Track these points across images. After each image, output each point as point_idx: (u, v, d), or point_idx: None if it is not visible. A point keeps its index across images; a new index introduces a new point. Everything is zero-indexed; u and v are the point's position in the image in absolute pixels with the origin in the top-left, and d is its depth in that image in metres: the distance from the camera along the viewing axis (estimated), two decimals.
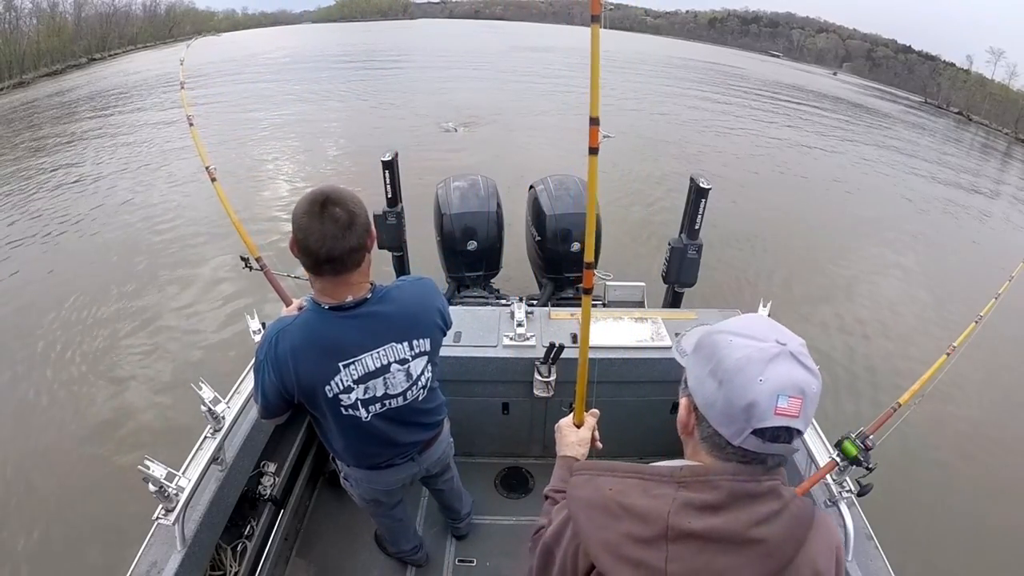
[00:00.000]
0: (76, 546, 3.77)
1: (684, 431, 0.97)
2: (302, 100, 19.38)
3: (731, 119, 19.98)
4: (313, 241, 1.44)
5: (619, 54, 40.76)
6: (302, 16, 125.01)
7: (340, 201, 1.46)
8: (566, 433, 1.47)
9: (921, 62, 78.17)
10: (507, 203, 4.28)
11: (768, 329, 0.89)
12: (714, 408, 0.87)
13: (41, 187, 10.93)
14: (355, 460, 1.93)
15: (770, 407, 0.81)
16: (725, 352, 0.86)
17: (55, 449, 4.59)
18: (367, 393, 1.68)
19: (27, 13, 40.68)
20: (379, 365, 1.66)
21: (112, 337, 5.97)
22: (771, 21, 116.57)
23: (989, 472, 4.66)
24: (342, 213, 1.45)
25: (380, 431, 1.80)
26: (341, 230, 1.45)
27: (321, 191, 1.47)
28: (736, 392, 0.83)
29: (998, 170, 20.54)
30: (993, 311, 2.84)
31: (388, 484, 2.06)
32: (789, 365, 0.83)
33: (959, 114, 46.89)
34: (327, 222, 1.43)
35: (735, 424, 0.85)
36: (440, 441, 2.11)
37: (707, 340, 0.91)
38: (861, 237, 9.74)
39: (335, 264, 1.49)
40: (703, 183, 3.62)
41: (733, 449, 0.87)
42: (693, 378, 0.93)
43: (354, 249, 1.49)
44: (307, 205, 1.45)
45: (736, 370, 0.83)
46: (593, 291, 4.47)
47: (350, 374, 1.63)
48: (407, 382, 1.74)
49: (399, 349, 1.68)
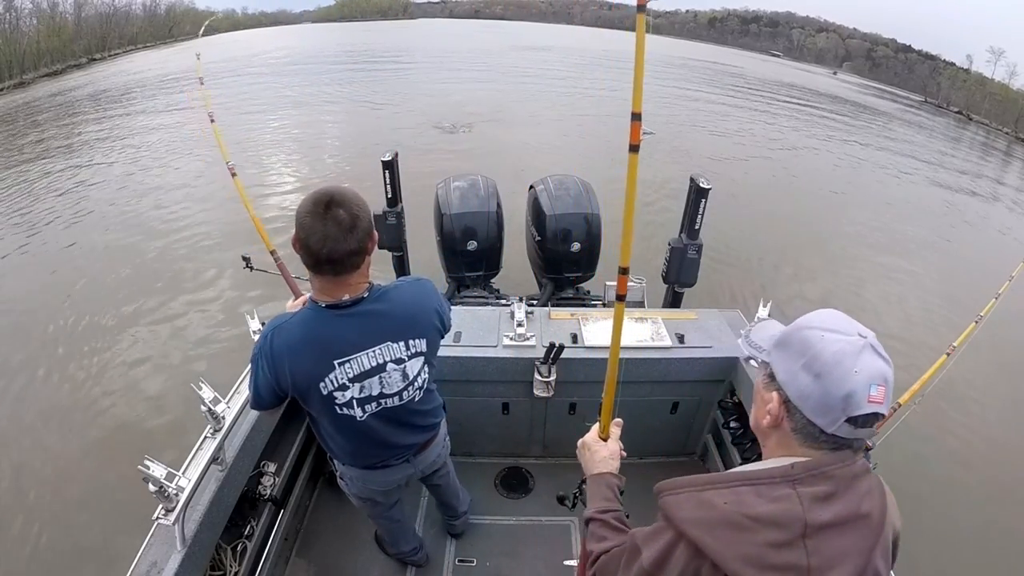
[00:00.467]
0: (76, 546, 3.78)
1: (772, 423, 0.98)
2: (302, 100, 19.37)
3: (731, 118, 19.98)
4: (314, 241, 1.45)
5: (619, 54, 40.72)
6: (302, 16, 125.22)
7: (344, 203, 1.47)
8: (596, 449, 1.42)
9: (921, 61, 78.22)
10: (507, 203, 4.28)
11: (847, 323, 0.96)
12: (810, 400, 0.91)
13: (43, 187, 10.94)
14: (350, 459, 1.93)
15: (864, 396, 0.87)
16: (820, 347, 0.91)
17: (55, 449, 4.59)
18: (363, 392, 1.68)
19: (27, 13, 40.68)
20: (374, 364, 1.67)
21: (112, 337, 5.98)
22: (771, 21, 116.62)
23: (990, 472, 4.66)
24: (345, 215, 1.46)
25: (375, 431, 1.80)
26: (343, 232, 1.46)
27: (326, 191, 1.48)
28: (835, 383, 0.88)
29: (998, 170, 20.53)
30: (993, 311, 2.84)
31: (383, 484, 2.06)
32: (873, 356, 0.90)
33: (959, 113, 46.90)
34: (330, 223, 1.45)
35: (831, 414, 0.90)
36: (436, 444, 2.11)
37: (795, 336, 0.96)
38: (861, 237, 9.74)
39: (335, 265, 1.51)
40: (703, 183, 3.61)
41: (827, 437, 0.92)
42: (783, 372, 0.97)
43: (354, 252, 1.51)
44: (311, 204, 1.46)
45: (834, 363, 0.89)
46: (590, 292, 4.47)
47: (345, 372, 1.63)
48: (403, 382, 1.74)
49: (395, 348, 1.69)
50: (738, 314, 3.21)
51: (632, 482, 3.14)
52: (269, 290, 6.48)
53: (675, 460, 3.33)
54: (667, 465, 3.29)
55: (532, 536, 2.87)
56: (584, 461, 1.43)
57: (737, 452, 2.94)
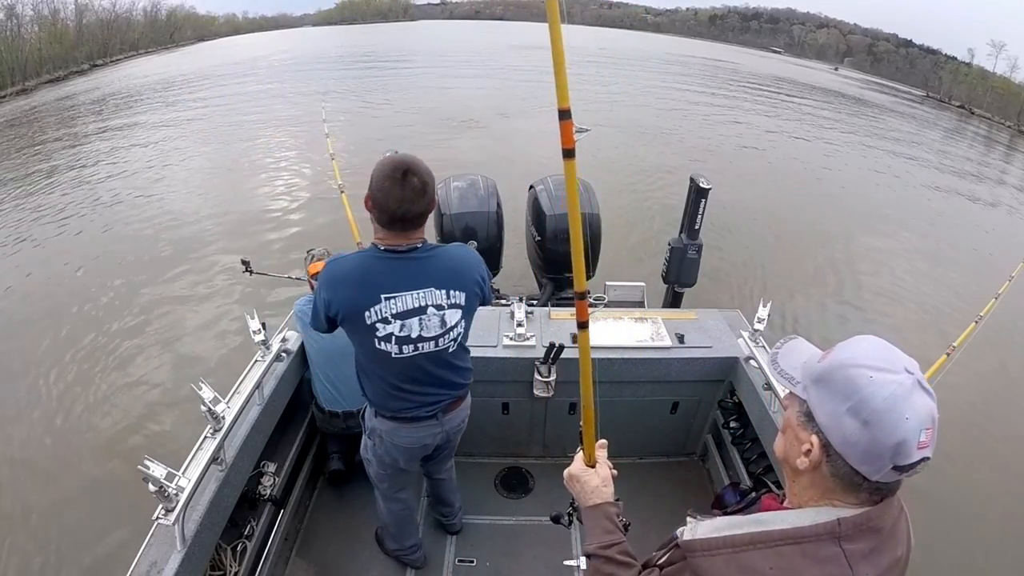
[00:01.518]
0: (76, 546, 3.78)
1: (808, 467, 0.89)
2: (302, 100, 19.39)
3: (731, 117, 19.96)
4: (393, 203, 1.71)
5: (619, 52, 40.72)
6: (302, 19, 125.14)
7: (418, 172, 1.72)
8: (586, 479, 1.33)
9: (922, 56, 78.02)
10: (507, 203, 4.28)
11: (892, 356, 0.86)
12: (856, 447, 0.83)
13: (46, 189, 10.98)
14: (382, 402, 2.03)
15: (914, 443, 0.80)
16: (869, 390, 0.82)
17: (55, 449, 4.61)
18: (403, 331, 1.84)
19: (28, 20, 40.75)
20: (417, 305, 1.84)
21: (111, 337, 5.99)
22: (772, 17, 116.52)
23: (990, 472, 4.65)
24: (419, 183, 1.72)
25: (409, 373, 1.94)
26: (416, 196, 1.72)
27: (403, 160, 1.73)
28: (885, 432, 0.80)
29: (1000, 167, 20.42)
30: (993, 311, 2.84)
31: (410, 442, 2.11)
32: (922, 395, 0.82)
33: (961, 108, 46.75)
34: (407, 188, 1.70)
35: (878, 462, 0.82)
36: (463, 407, 2.22)
37: (840, 375, 0.86)
38: (861, 237, 9.71)
39: (406, 224, 1.77)
40: (703, 183, 3.62)
41: (870, 484, 0.85)
42: (825, 415, 0.87)
43: (423, 213, 1.78)
44: (391, 170, 1.71)
45: (885, 410, 0.80)
46: (590, 292, 4.48)
47: (390, 307, 1.81)
48: (440, 328, 1.89)
49: (437, 295, 1.86)
50: (738, 314, 3.21)
51: (632, 482, 3.14)
52: (270, 290, 6.50)
53: (675, 460, 3.33)
54: (667, 465, 3.30)
55: (532, 536, 2.87)
56: (576, 493, 1.35)
57: (737, 452, 2.94)
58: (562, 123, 1.11)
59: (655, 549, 1.08)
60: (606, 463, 1.36)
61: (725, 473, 3.06)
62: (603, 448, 1.38)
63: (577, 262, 1.25)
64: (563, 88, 1.07)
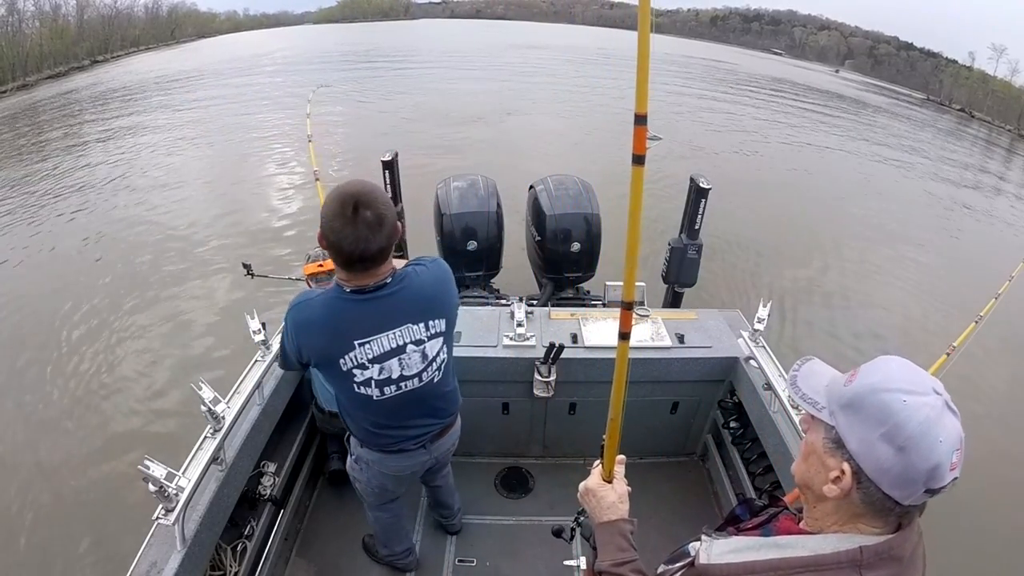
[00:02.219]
0: (76, 546, 3.78)
1: (839, 494, 0.87)
2: (303, 98, 19.35)
3: (731, 119, 19.96)
4: (346, 245, 1.53)
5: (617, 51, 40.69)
6: (303, 17, 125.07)
7: (371, 203, 1.52)
8: (603, 494, 1.30)
9: (923, 59, 77.98)
10: (507, 203, 4.27)
11: (919, 377, 0.84)
12: (889, 474, 0.81)
13: (45, 187, 10.96)
14: (367, 438, 1.97)
15: (948, 465, 0.79)
16: (904, 415, 0.80)
17: (54, 448, 4.60)
18: (382, 374, 1.74)
19: (30, 16, 40.78)
20: (395, 345, 1.72)
21: (112, 337, 5.99)
22: (773, 19, 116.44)
23: (990, 473, 4.64)
24: (373, 216, 1.51)
25: (393, 412, 1.85)
26: (372, 233, 1.52)
27: (351, 193, 1.52)
28: (921, 457, 0.79)
29: (999, 169, 20.46)
30: (993, 311, 2.84)
31: (397, 470, 2.07)
32: (951, 417, 0.80)
33: (961, 111, 46.74)
34: (360, 226, 1.51)
35: (912, 487, 0.81)
36: (453, 431, 2.16)
37: (871, 400, 0.83)
38: (861, 236, 9.71)
39: (366, 263, 1.59)
40: (703, 183, 3.62)
41: (901, 508, 0.84)
42: (857, 441, 0.84)
43: (383, 249, 1.59)
44: (338, 207, 1.51)
45: (920, 435, 0.79)
46: (590, 292, 4.46)
47: (365, 353, 1.69)
48: (422, 363, 1.79)
49: (415, 330, 1.74)
50: (738, 314, 3.21)
51: (632, 482, 3.14)
52: (270, 290, 6.49)
53: (675, 460, 3.33)
54: (667, 465, 3.30)
55: (532, 536, 2.87)
56: (591, 508, 1.32)
57: (737, 452, 2.94)
58: (636, 128, 1.05)
59: (664, 561, 1.07)
60: (623, 480, 1.34)
61: (725, 473, 3.06)
62: (622, 464, 1.36)
63: (629, 272, 1.21)
64: (643, 94, 1.03)
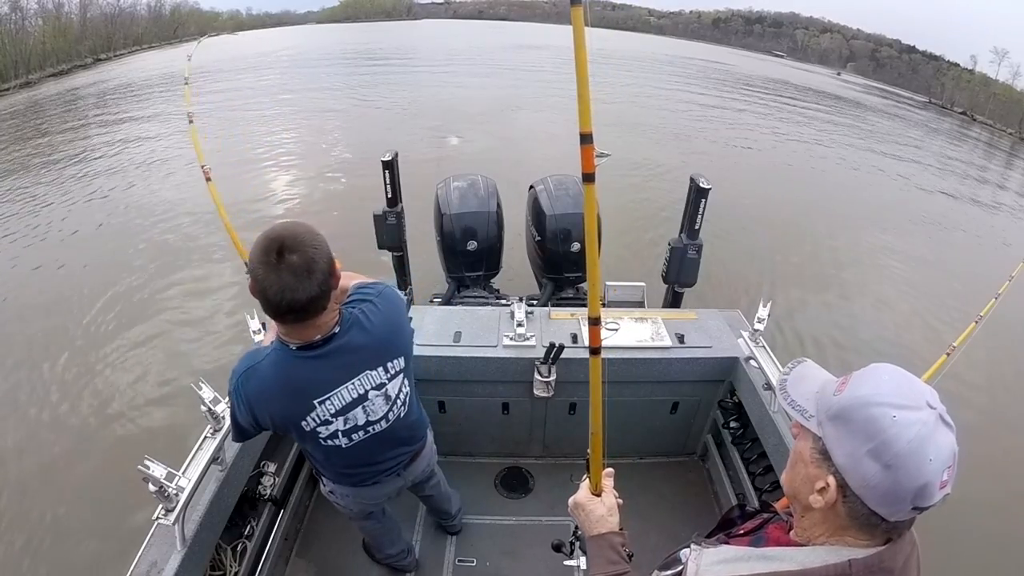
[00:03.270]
0: (76, 546, 3.78)
1: (824, 506, 0.85)
2: (304, 99, 19.39)
3: (732, 119, 19.95)
4: (272, 293, 1.36)
5: (625, 52, 40.71)
6: (306, 16, 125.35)
7: (297, 246, 1.35)
8: (592, 508, 1.30)
9: (925, 62, 77.96)
10: (507, 203, 4.28)
11: (913, 389, 0.82)
12: (876, 490, 0.79)
13: (49, 183, 10.98)
14: (339, 479, 1.95)
15: (937, 484, 0.77)
16: (893, 432, 0.77)
17: (54, 448, 4.60)
18: (347, 424, 1.67)
19: (32, 14, 40.82)
20: (356, 395, 1.64)
21: (111, 336, 5.99)
22: (775, 21, 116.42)
23: (990, 473, 4.64)
24: (299, 261, 1.35)
25: (363, 454, 1.80)
26: (299, 280, 1.35)
27: (276, 236, 1.36)
28: (908, 476, 0.77)
29: (1000, 172, 20.44)
30: (993, 311, 2.84)
31: (374, 499, 2.08)
32: (944, 432, 0.79)
33: (963, 114, 46.74)
34: (284, 272, 1.34)
35: (898, 504, 0.79)
36: (424, 454, 2.12)
37: (860, 414, 0.81)
38: (862, 237, 9.71)
39: (297, 314, 1.43)
40: (703, 183, 3.62)
41: (888, 525, 0.82)
42: (843, 455, 0.82)
43: (315, 297, 1.41)
44: (262, 253, 1.35)
45: (908, 454, 0.76)
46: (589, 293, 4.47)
47: (326, 409, 1.61)
48: (386, 405, 1.73)
49: (373, 376, 1.66)
50: (738, 314, 3.21)
51: (632, 482, 3.14)
52: None
53: (675, 460, 3.33)
54: (667, 465, 3.30)
55: (532, 536, 2.87)
56: (581, 522, 1.32)
57: (737, 452, 2.95)
58: (583, 147, 1.05)
59: (657, 567, 1.07)
60: (612, 492, 1.33)
61: (725, 473, 3.06)
62: (610, 477, 1.35)
63: (592, 287, 1.20)
64: (586, 112, 1.01)
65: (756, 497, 2.67)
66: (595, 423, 1.31)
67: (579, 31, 0.95)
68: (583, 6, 0.94)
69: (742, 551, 0.92)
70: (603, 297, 3.97)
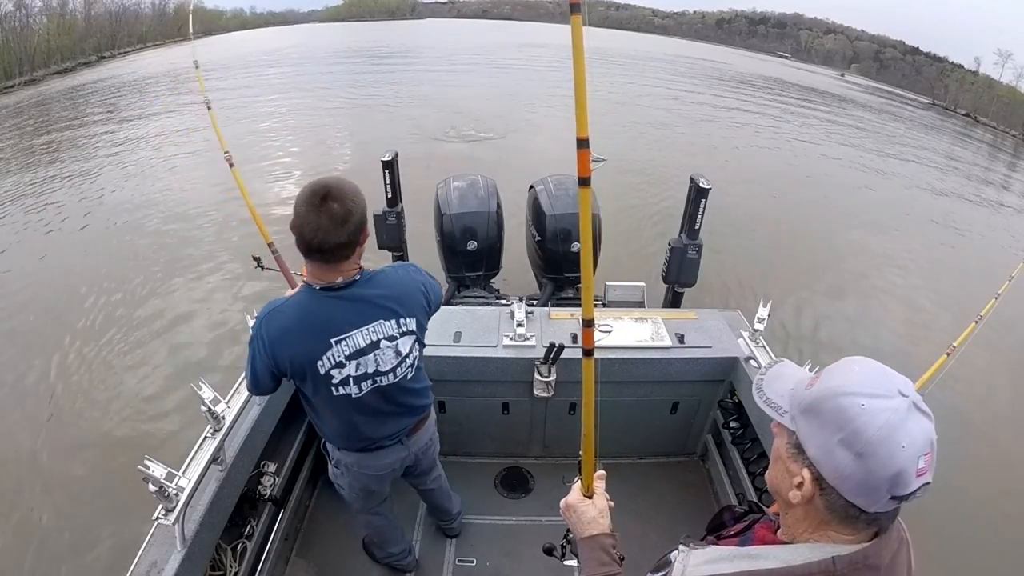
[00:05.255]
0: (76, 546, 3.78)
1: (801, 501, 0.86)
2: (306, 99, 19.40)
3: (732, 119, 19.92)
4: (308, 231, 1.54)
5: (627, 52, 40.73)
6: (310, 15, 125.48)
7: (340, 197, 1.55)
8: (583, 510, 1.30)
9: (929, 64, 77.80)
10: (507, 203, 4.28)
11: (885, 378, 0.82)
12: (850, 481, 0.79)
13: (49, 183, 10.97)
14: (345, 442, 2.00)
15: (913, 471, 0.76)
16: (862, 420, 0.77)
17: (54, 448, 4.60)
18: (359, 369, 1.76)
19: (37, 12, 40.93)
20: (369, 341, 1.75)
21: (111, 336, 5.99)
22: (779, 22, 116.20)
23: (990, 474, 4.64)
24: (339, 209, 1.54)
25: (369, 409, 1.87)
26: (335, 225, 1.54)
27: (324, 184, 1.56)
28: (881, 464, 0.76)
29: (1003, 172, 20.37)
30: (993, 311, 2.83)
31: (378, 469, 2.09)
32: (918, 419, 0.78)
33: (966, 116, 46.61)
34: (323, 215, 1.53)
35: (874, 494, 0.79)
36: (427, 427, 2.18)
37: (829, 405, 0.81)
38: (862, 237, 9.68)
39: (324, 255, 1.60)
40: (703, 183, 3.62)
41: (867, 516, 0.82)
42: (816, 448, 0.83)
43: (344, 244, 1.59)
44: (309, 195, 1.55)
45: (879, 441, 0.76)
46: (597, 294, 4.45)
47: (341, 350, 1.71)
48: (396, 359, 1.82)
49: (387, 327, 1.77)
50: (738, 314, 3.22)
51: (632, 482, 3.14)
52: (271, 288, 6.50)
53: (675, 460, 3.33)
54: (667, 465, 3.30)
55: (532, 536, 2.87)
56: (572, 524, 1.33)
57: (737, 452, 2.95)
58: (579, 151, 1.07)
59: (650, 570, 1.07)
60: (603, 494, 1.34)
61: (725, 473, 3.07)
62: (602, 479, 1.35)
63: (587, 289, 1.20)
64: (583, 117, 1.03)
65: (757, 498, 2.67)
66: (587, 424, 1.31)
67: (578, 39, 0.96)
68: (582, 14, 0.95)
69: (728, 551, 0.92)
70: (603, 297, 3.97)
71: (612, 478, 1.38)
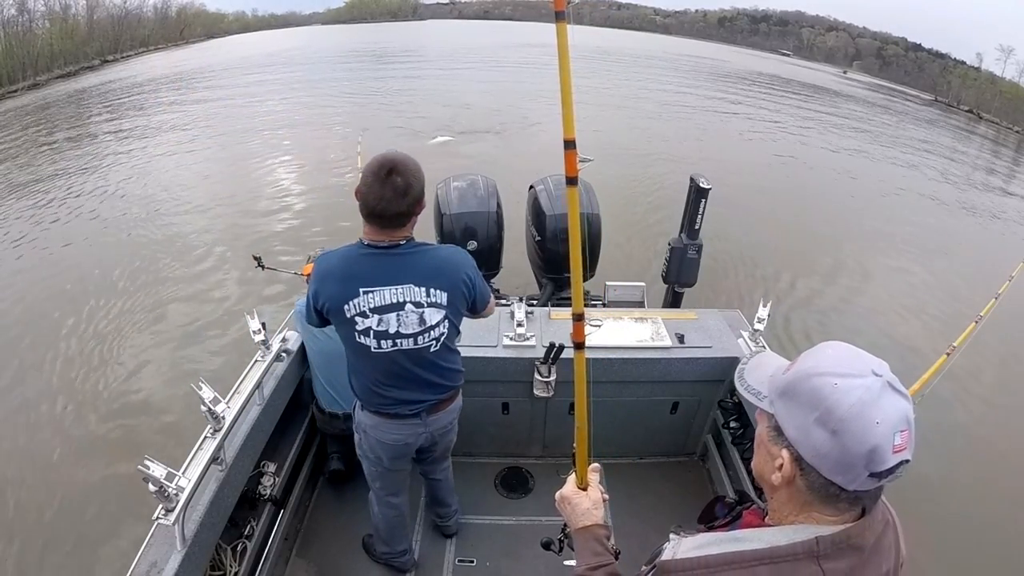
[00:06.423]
0: (76, 546, 3.80)
1: (784, 483, 0.88)
2: (307, 98, 19.44)
3: (733, 119, 19.91)
4: (372, 199, 1.77)
5: (628, 51, 40.71)
6: (311, 17, 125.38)
7: (403, 172, 1.76)
8: (577, 502, 1.32)
9: (931, 60, 77.47)
10: (507, 203, 4.28)
11: (858, 360, 0.84)
12: (827, 459, 0.81)
13: (52, 182, 11.00)
14: (365, 395, 2.07)
15: (888, 448, 0.77)
16: (834, 398, 0.80)
17: (54, 448, 4.62)
18: (380, 325, 1.89)
19: (40, 16, 41.01)
20: (395, 300, 1.87)
21: (112, 336, 6.01)
22: (781, 20, 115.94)
23: (989, 474, 4.63)
24: (401, 183, 1.75)
25: (389, 370, 1.98)
26: (397, 196, 1.76)
27: (391, 159, 1.77)
28: (855, 440, 0.78)
29: (1006, 170, 20.30)
30: (993, 311, 2.83)
31: (393, 439, 2.13)
32: (892, 397, 0.80)
33: (969, 112, 46.43)
34: (387, 187, 1.75)
35: (852, 471, 0.80)
36: (450, 410, 2.24)
37: (804, 386, 0.84)
38: (862, 237, 9.68)
39: (382, 220, 1.82)
40: (703, 183, 3.62)
41: (848, 494, 0.83)
42: (794, 428, 0.85)
43: (401, 214, 1.81)
44: (376, 167, 1.76)
45: (852, 417, 0.78)
46: (590, 293, 4.46)
47: (367, 301, 1.86)
48: (419, 326, 1.92)
49: (416, 291, 1.89)
50: (738, 314, 3.22)
51: (632, 482, 3.14)
52: (271, 288, 6.52)
53: (675, 460, 3.33)
54: (667, 465, 3.30)
55: (532, 536, 2.87)
56: (566, 515, 1.34)
57: (737, 452, 2.94)
58: (567, 152, 1.12)
59: (645, 563, 1.08)
60: (598, 487, 1.35)
61: (725, 473, 3.07)
62: (596, 472, 1.37)
63: (576, 283, 1.25)
64: (569, 119, 1.07)
65: (757, 497, 2.67)
66: (580, 417, 1.34)
67: (563, 44, 1.00)
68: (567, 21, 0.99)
69: (715, 536, 0.94)
70: (603, 297, 3.97)
71: (612, 478, 1.39)
